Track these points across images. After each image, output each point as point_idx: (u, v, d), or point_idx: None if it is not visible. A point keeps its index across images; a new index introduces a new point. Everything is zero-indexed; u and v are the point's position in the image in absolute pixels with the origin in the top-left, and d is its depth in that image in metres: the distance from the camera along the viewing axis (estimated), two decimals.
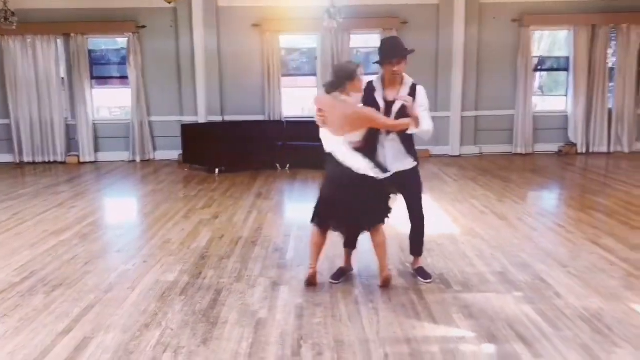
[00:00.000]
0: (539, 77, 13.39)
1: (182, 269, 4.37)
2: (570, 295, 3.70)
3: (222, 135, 9.41)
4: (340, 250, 4.21)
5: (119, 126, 10.55)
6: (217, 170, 8.89)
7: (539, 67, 11.93)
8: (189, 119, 10.23)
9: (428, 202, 6.57)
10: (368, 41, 10.69)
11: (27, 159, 10.40)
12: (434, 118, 10.30)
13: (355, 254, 4.22)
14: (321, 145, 3.88)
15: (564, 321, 3.32)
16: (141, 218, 6.58)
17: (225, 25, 10.06)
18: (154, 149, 10.54)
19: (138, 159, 10.36)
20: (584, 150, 10.43)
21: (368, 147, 3.81)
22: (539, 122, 10.55)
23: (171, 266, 4.45)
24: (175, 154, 10.20)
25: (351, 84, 3.70)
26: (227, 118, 10.27)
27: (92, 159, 10.39)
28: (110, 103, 11.39)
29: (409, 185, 3.98)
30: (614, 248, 4.69)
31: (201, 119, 10.22)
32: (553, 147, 10.57)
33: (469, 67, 10.19)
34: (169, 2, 7.77)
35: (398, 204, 4.05)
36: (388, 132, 3.83)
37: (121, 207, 7.26)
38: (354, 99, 3.75)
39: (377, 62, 3.88)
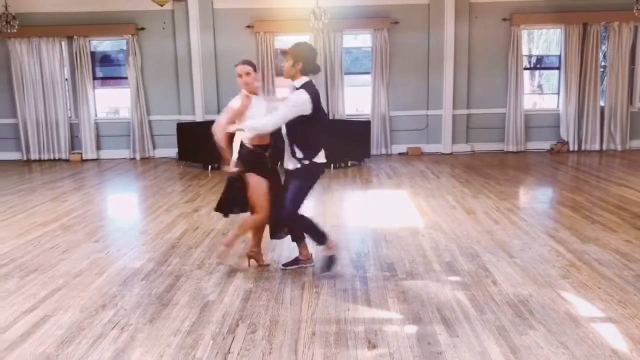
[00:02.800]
0: (538, 76, 13.51)
1: (150, 257, 4.65)
2: (506, 283, 3.88)
3: None
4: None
5: (119, 125, 10.95)
6: (210, 167, 9.20)
7: (538, 66, 12.03)
8: (186, 117, 10.57)
9: (404, 197, 6.82)
10: (362, 41, 10.91)
11: (33, 156, 10.86)
12: (426, 116, 10.36)
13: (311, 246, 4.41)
14: None
15: (491, 306, 3.51)
16: (125, 211, 6.93)
17: (221, 27, 10.36)
18: (154, 147, 10.90)
19: (138, 157, 10.74)
20: (576, 148, 10.50)
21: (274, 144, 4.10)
22: (531, 120, 10.64)
23: (141, 254, 4.74)
24: (173, 151, 10.53)
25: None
26: None
27: (95, 157, 10.80)
28: (111, 103, 11.81)
29: (286, 182, 4.13)
30: (567, 240, 4.85)
31: (198, 117, 10.54)
32: (545, 145, 10.65)
33: (460, 65, 10.33)
34: (161, 5, 8.09)
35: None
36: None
37: (109, 201, 7.61)
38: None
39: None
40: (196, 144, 9.47)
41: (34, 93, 10.63)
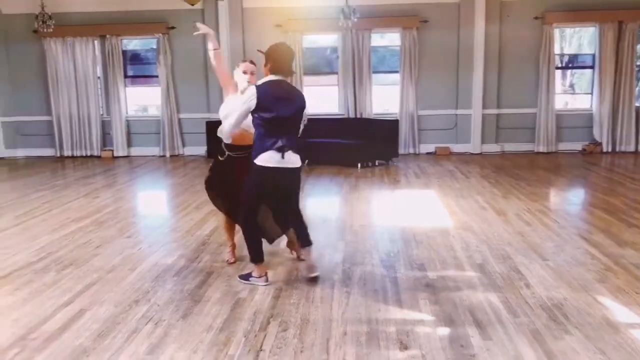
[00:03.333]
0: (570, 75, 13.21)
1: (182, 254, 4.71)
2: (539, 286, 3.82)
3: None
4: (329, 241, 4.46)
5: (150, 123, 11.12)
6: None
7: (570, 65, 11.76)
8: (216, 116, 10.60)
9: (433, 197, 6.77)
10: (389, 40, 10.86)
11: (66, 153, 11.11)
12: (455, 115, 10.25)
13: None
14: (339, 142, 4.27)
15: (524, 309, 3.45)
16: (156, 208, 7.04)
17: (250, 26, 10.43)
18: (183, 144, 11.04)
19: (168, 154, 10.89)
20: (610, 149, 10.27)
21: None
22: (562, 120, 10.45)
23: (172, 251, 4.80)
24: (202, 149, 10.65)
25: None
26: None
27: (125, 154, 11.00)
28: (140, 101, 11.99)
29: None
30: (602, 243, 4.74)
31: None
32: (577, 146, 10.45)
33: (490, 65, 10.21)
34: (192, 4, 8.18)
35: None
36: None
37: (140, 198, 7.73)
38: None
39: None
40: None
41: (67, 91, 10.88)
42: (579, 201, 6.82)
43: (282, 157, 3.71)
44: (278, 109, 3.67)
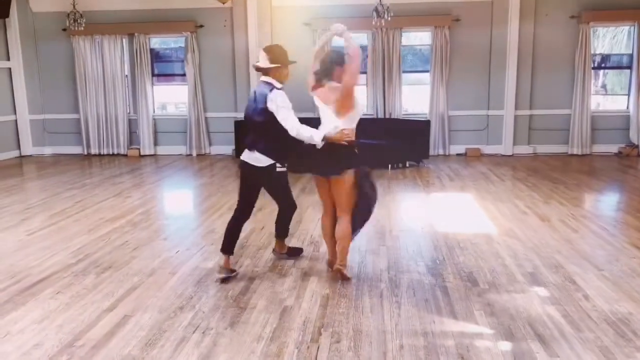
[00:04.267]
0: (603, 76, 12.86)
1: (221, 258, 4.60)
2: (599, 298, 3.64)
3: None
4: (373, 245, 4.32)
5: (176, 121, 11.07)
6: None
7: (603, 65, 11.46)
8: (243, 115, 10.56)
9: (470, 201, 6.59)
10: (420, 39, 10.67)
11: (93, 151, 11.11)
12: (487, 116, 10.12)
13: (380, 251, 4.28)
14: (369, 143, 4.24)
15: (588, 323, 3.29)
16: (189, 209, 6.97)
17: (278, 24, 10.31)
18: (210, 143, 10.97)
19: (194, 153, 10.83)
20: None
21: None
22: (597, 122, 10.17)
23: (211, 254, 4.71)
24: (229, 149, 10.56)
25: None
26: None
27: (152, 152, 10.96)
28: (169, 99, 11.94)
29: None
30: None
31: None
32: (612, 148, 10.16)
33: (524, 65, 9.97)
34: (223, 3, 8.09)
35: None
36: None
37: (172, 198, 7.67)
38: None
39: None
40: None
41: (95, 89, 10.86)
42: (623, 207, 6.58)
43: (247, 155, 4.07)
44: (246, 111, 4.20)
